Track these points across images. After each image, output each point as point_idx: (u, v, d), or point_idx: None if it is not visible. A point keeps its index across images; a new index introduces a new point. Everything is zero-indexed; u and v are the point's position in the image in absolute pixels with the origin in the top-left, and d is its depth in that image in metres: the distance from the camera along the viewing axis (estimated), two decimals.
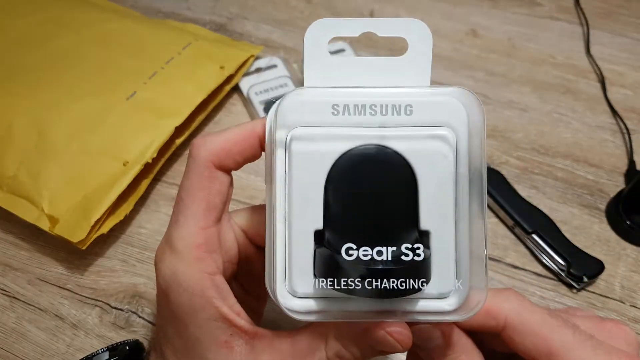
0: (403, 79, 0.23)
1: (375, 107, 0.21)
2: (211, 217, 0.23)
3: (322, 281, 0.20)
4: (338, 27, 0.22)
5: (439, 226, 0.21)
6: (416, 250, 0.20)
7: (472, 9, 0.60)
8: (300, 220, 0.21)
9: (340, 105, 0.21)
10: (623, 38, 0.56)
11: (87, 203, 0.39)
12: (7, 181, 0.41)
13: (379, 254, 0.20)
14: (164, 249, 0.23)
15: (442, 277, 0.21)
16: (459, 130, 0.21)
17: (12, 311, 0.38)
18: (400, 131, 0.21)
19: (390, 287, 0.20)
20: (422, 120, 0.21)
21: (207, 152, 0.23)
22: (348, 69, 0.23)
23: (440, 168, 0.21)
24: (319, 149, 0.21)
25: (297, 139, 0.21)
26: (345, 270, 0.20)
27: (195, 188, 0.23)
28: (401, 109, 0.21)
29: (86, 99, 0.44)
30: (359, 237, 0.20)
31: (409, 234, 0.21)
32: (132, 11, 0.57)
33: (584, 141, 0.47)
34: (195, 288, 0.22)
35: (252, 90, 0.49)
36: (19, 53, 0.48)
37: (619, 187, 0.44)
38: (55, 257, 0.40)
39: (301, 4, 0.61)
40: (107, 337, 0.36)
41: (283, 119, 0.21)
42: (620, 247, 0.40)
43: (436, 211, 0.21)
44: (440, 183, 0.21)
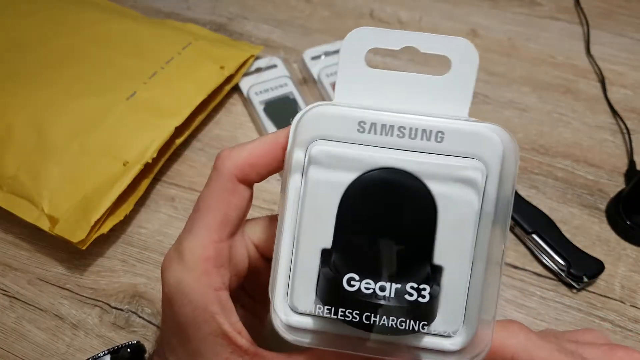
0: (441, 102, 0.21)
1: (404, 130, 0.20)
2: (225, 231, 0.23)
3: (319, 308, 0.20)
4: (379, 38, 0.21)
5: (454, 263, 0.20)
6: (422, 291, 0.19)
7: (472, 9, 0.60)
8: (309, 237, 0.20)
9: (367, 123, 0.20)
10: (623, 38, 0.56)
11: (87, 203, 0.39)
12: (7, 181, 0.41)
13: (381, 289, 0.19)
14: (172, 257, 0.23)
15: (450, 315, 0.20)
16: (491, 166, 0.20)
17: (12, 311, 0.38)
18: (428, 158, 0.20)
19: (389, 324, 0.19)
20: (453, 150, 0.20)
21: (233, 165, 0.23)
22: (385, 84, 0.22)
23: (464, 203, 0.20)
24: (339, 166, 0.20)
25: (317, 153, 0.20)
26: (345, 300, 0.19)
27: (215, 200, 0.23)
28: (431, 134, 0.20)
29: (86, 98, 0.44)
30: (364, 267, 0.19)
31: (420, 267, 0.20)
32: (132, 11, 0.57)
33: (584, 141, 0.47)
34: (199, 301, 0.22)
35: (252, 90, 0.49)
36: (19, 53, 0.48)
37: (619, 187, 0.44)
38: (55, 257, 0.40)
39: (301, 4, 0.61)
40: (107, 337, 0.36)
41: (305, 130, 0.20)
42: (620, 247, 0.40)
43: (453, 248, 0.20)
44: (462, 220, 0.20)
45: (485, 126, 0.20)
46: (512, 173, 0.20)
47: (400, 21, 0.59)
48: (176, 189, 0.44)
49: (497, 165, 0.20)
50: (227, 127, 0.49)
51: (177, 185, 0.45)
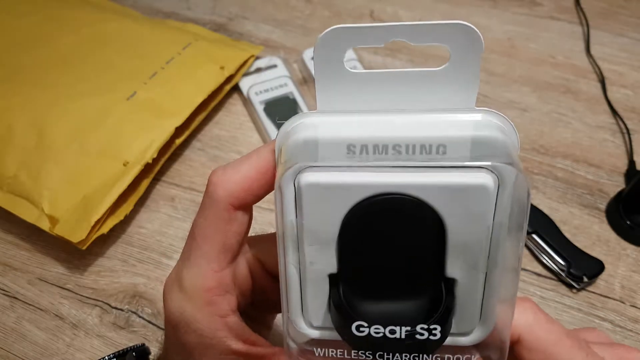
0: (441, 100, 0.19)
1: (400, 148, 0.17)
2: (225, 259, 0.22)
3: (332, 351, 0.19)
4: (357, 36, 0.18)
5: (467, 275, 0.19)
6: (432, 331, 0.18)
7: (472, 9, 0.60)
8: (313, 265, 0.19)
9: (357, 146, 0.17)
10: (623, 38, 0.56)
11: (87, 203, 0.39)
12: (7, 181, 0.41)
13: (391, 333, 0.18)
14: (173, 284, 0.22)
15: (465, 319, 0.19)
16: (504, 174, 0.17)
17: (12, 311, 0.38)
18: (429, 177, 0.17)
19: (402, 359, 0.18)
20: (459, 159, 0.17)
21: (226, 193, 0.21)
22: (372, 88, 0.19)
23: (474, 222, 0.18)
24: (332, 197, 0.18)
25: (307, 187, 0.18)
26: (356, 342, 0.18)
27: (212, 230, 0.21)
28: (432, 149, 0.17)
29: (86, 99, 0.44)
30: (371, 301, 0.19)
31: (432, 284, 0.19)
32: (132, 11, 0.57)
33: (584, 141, 0.47)
34: (204, 330, 0.21)
35: (252, 90, 0.49)
36: (19, 53, 0.48)
37: (619, 187, 0.44)
38: (55, 257, 0.40)
39: (301, 4, 0.61)
40: (107, 337, 0.36)
41: (292, 156, 0.18)
42: (620, 247, 0.40)
43: (465, 261, 0.18)
44: (473, 236, 0.18)
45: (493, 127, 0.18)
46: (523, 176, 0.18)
47: (400, 21, 0.59)
48: (176, 189, 0.44)
49: (512, 172, 0.17)
50: (227, 127, 0.49)
51: (177, 185, 0.45)
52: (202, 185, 0.44)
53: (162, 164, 0.44)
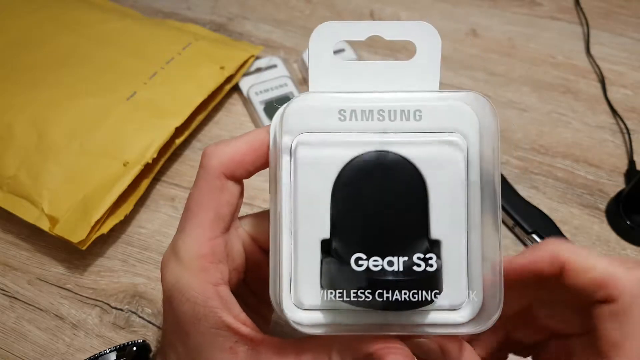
0: (411, 84, 0.22)
1: (383, 113, 0.21)
2: (219, 228, 0.23)
3: (331, 292, 0.20)
4: (344, 30, 0.22)
5: (450, 235, 0.20)
6: (429, 261, 0.19)
7: (472, 9, 0.60)
8: (306, 230, 0.21)
9: (347, 111, 0.21)
10: (623, 38, 0.56)
11: (87, 203, 0.39)
12: (7, 181, 0.41)
13: (390, 264, 0.19)
14: (169, 257, 0.23)
15: (454, 288, 0.20)
16: (470, 136, 0.21)
17: (12, 311, 0.38)
18: (409, 137, 0.21)
19: (402, 299, 0.19)
20: (432, 126, 0.21)
21: (218, 162, 0.22)
22: (355, 74, 0.22)
23: (450, 175, 0.20)
24: (325, 156, 0.21)
25: (303, 146, 0.21)
26: (355, 281, 0.19)
27: (205, 198, 0.23)
28: (410, 114, 0.21)
29: (86, 99, 0.44)
30: (369, 246, 0.20)
31: (420, 243, 0.20)
32: (132, 11, 0.57)
33: (584, 141, 0.47)
34: (197, 298, 0.22)
35: (252, 90, 0.49)
36: (19, 53, 0.48)
37: (619, 187, 0.44)
38: (55, 257, 0.40)
39: (301, 4, 0.61)
40: (107, 337, 0.36)
41: (288, 125, 0.21)
42: (620, 247, 0.40)
43: (447, 220, 0.20)
44: (451, 191, 0.20)
45: (462, 96, 0.21)
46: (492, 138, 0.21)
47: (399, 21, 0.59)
48: (176, 189, 0.44)
49: (475, 136, 0.21)
50: (227, 127, 0.49)
51: (177, 185, 0.45)
52: None
53: (162, 164, 0.44)
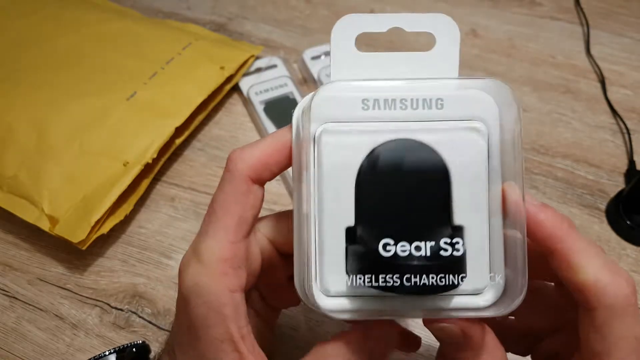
0: (431, 73, 0.22)
1: (406, 102, 0.21)
2: (241, 232, 0.23)
3: (360, 278, 0.20)
4: (366, 22, 0.22)
5: (473, 221, 0.21)
6: (455, 245, 0.20)
7: (472, 9, 0.60)
8: (331, 218, 0.21)
9: (370, 100, 0.21)
10: (623, 38, 0.56)
11: (87, 203, 0.39)
12: (7, 181, 0.41)
13: (417, 250, 0.20)
14: (189, 259, 0.23)
15: (476, 273, 0.21)
16: (490, 124, 0.21)
17: (12, 311, 0.38)
18: (431, 125, 0.21)
19: (430, 283, 0.20)
20: (454, 114, 0.21)
21: (245, 165, 0.23)
22: (376, 65, 0.23)
23: (472, 161, 0.21)
24: (350, 144, 0.21)
25: (327, 135, 0.21)
26: (383, 266, 0.20)
27: (230, 202, 0.23)
28: (432, 103, 0.21)
29: (86, 99, 0.44)
30: (396, 232, 0.20)
31: (444, 229, 0.20)
32: (132, 11, 0.57)
33: (584, 141, 0.47)
34: (213, 302, 0.22)
35: (252, 90, 0.49)
36: (18, 53, 0.48)
37: (619, 187, 0.44)
38: (55, 257, 0.40)
39: (301, 4, 0.61)
40: (107, 337, 0.36)
41: (313, 115, 0.21)
42: (620, 247, 0.40)
43: (469, 206, 0.21)
44: (473, 177, 0.21)
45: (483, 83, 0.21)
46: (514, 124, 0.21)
47: None
48: (176, 189, 0.44)
49: (495, 123, 0.21)
50: (227, 127, 0.49)
51: (177, 185, 0.45)
52: (202, 185, 0.44)
53: (162, 164, 0.44)
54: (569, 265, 0.20)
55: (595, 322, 0.20)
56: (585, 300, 0.20)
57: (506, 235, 0.21)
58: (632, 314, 0.20)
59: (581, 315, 0.21)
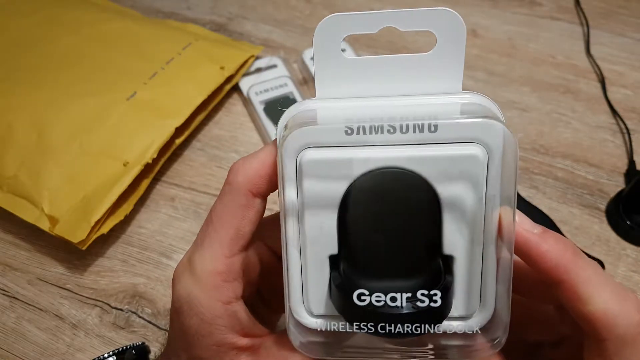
0: (431, 81, 0.20)
1: (394, 127, 0.18)
2: (238, 245, 0.22)
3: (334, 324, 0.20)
4: (353, 23, 0.19)
5: (465, 251, 0.19)
6: (433, 297, 0.18)
7: (472, 9, 0.60)
8: (314, 246, 0.20)
9: (354, 127, 0.18)
10: (623, 38, 0.56)
11: (87, 203, 0.39)
12: (7, 181, 0.41)
13: (392, 300, 0.19)
14: (184, 269, 0.23)
15: (465, 300, 0.20)
16: (493, 147, 0.18)
17: (12, 311, 0.38)
18: (422, 151, 0.18)
19: (404, 331, 0.18)
20: (450, 137, 0.18)
21: (246, 179, 0.22)
22: (366, 71, 0.20)
23: (467, 191, 0.19)
24: (331, 174, 0.19)
25: (308, 163, 0.19)
26: (357, 315, 0.19)
27: (229, 214, 0.22)
28: (424, 127, 0.18)
29: (86, 99, 0.44)
30: (373, 272, 0.19)
31: (430, 261, 0.19)
32: (132, 11, 0.57)
33: (584, 141, 0.47)
34: (206, 315, 0.22)
35: (252, 90, 0.49)
36: (19, 53, 0.48)
37: (619, 187, 0.44)
38: (55, 257, 0.40)
39: (301, 4, 0.61)
40: (107, 337, 0.36)
41: (293, 138, 0.19)
42: (620, 247, 0.40)
43: (462, 236, 0.19)
44: (468, 207, 0.19)
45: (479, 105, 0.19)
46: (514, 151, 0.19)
47: None
48: (176, 189, 0.44)
49: (499, 147, 0.18)
50: (227, 127, 0.49)
51: (177, 185, 0.45)
52: (202, 185, 0.44)
53: (162, 164, 0.44)
54: (577, 296, 0.19)
55: (606, 353, 0.19)
56: (594, 331, 0.19)
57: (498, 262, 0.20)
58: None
59: (589, 345, 0.20)
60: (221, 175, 0.45)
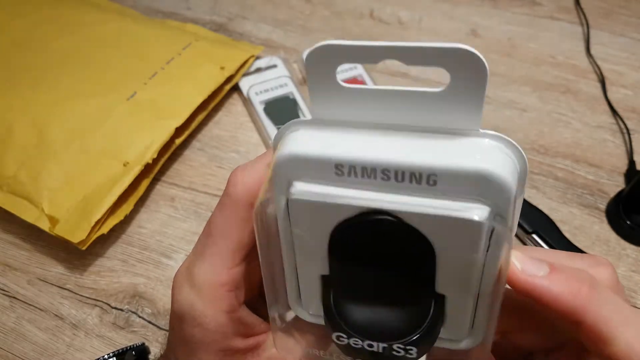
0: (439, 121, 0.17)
1: (389, 173, 0.16)
2: (239, 257, 0.22)
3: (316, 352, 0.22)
4: (350, 53, 0.16)
5: (457, 294, 0.19)
6: (409, 351, 0.19)
7: (472, 9, 0.59)
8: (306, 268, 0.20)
9: (345, 167, 0.17)
10: (623, 38, 0.56)
11: (87, 203, 0.39)
12: (7, 181, 0.41)
13: (369, 346, 0.20)
14: (184, 280, 0.23)
15: (455, 330, 0.20)
16: (498, 205, 0.16)
17: (12, 311, 0.38)
18: (420, 202, 0.16)
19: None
20: (450, 191, 0.16)
21: (246, 191, 0.21)
22: (368, 104, 0.17)
23: (465, 250, 0.17)
24: (320, 211, 0.18)
25: (296, 200, 0.18)
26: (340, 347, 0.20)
27: (229, 227, 0.22)
28: (422, 178, 0.16)
29: (86, 99, 0.44)
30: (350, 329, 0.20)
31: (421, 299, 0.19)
32: (132, 11, 0.57)
33: (584, 141, 0.47)
34: (210, 325, 0.22)
35: (252, 90, 0.49)
36: (19, 53, 0.48)
37: (619, 187, 0.44)
38: (55, 257, 0.40)
39: (301, 4, 0.61)
40: (107, 337, 0.36)
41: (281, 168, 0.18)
42: (620, 247, 0.40)
43: (455, 283, 0.18)
44: (464, 262, 0.18)
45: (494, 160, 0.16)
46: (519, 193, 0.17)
47: (400, 21, 0.59)
48: (176, 189, 0.44)
49: (505, 205, 0.16)
50: (227, 127, 0.49)
51: (177, 185, 0.45)
52: (202, 185, 0.44)
53: (162, 164, 0.44)
54: (598, 338, 0.18)
55: None
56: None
57: None
58: None
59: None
60: (221, 175, 0.45)
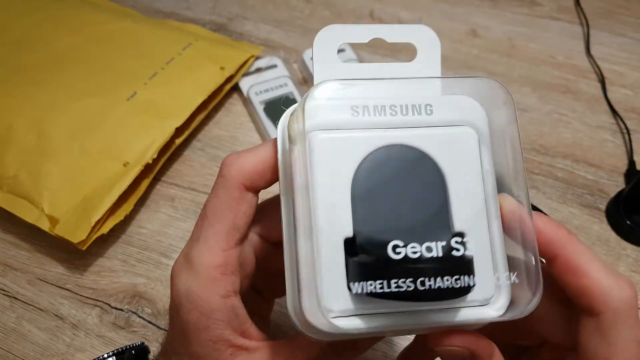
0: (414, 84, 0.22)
1: (395, 108, 0.21)
2: (234, 239, 0.23)
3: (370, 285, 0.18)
4: (348, 33, 0.22)
5: (473, 226, 0.20)
6: (466, 244, 0.19)
7: (472, 9, 0.60)
8: (326, 230, 0.19)
9: (360, 107, 0.21)
10: (623, 38, 0.56)
11: (87, 203, 0.39)
12: (7, 181, 0.41)
13: (428, 251, 0.19)
14: (181, 265, 0.23)
15: (483, 280, 0.20)
16: (479, 128, 0.21)
17: (12, 311, 0.38)
18: (423, 131, 0.21)
19: (444, 285, 0.18)
20: (443, 119, 0.21)
21: (239, 172, 0.22)
22: (359, 75, 0.23)
23: (466, 166, 0.21)
24: (342, 153, 0.20)
25: (318, 144, 0.20)
26: (394, 271, 0.18)
27: (223, 208, 0.22)
28: (421, 108, 0.21)
29: (86, 99, 0.44)
30: (404, 234, 0.19)
31: (448, 231, 0.20)
32: (132, 11, 0.57)
33: (584, 141, 0.47)
34: (204, 308, 0.22)
35: (252, 90, 0.49)
36: (19, 53, 0.48)
37: (619, 187, 0.44)
38: (55, 257, 0.40)
39: (301, 4, 0.61)
40: (107, 337, 0.36)
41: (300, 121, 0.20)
42: (620, 247, 0.40)
43: (468, 211, 0.20)
44: (469, 181, 0.21)
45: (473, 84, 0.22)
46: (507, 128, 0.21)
47: (401, 21, 0.59)
48: (176, 189, 0.44)
49: (484, 127, 0.22)
50: (227, 127, 0.49)
51: (177, 185, 0.45)
52: (202, 185, 0.44)
53: (162, 164, 0.44)
54: (574, 269, 0.20)
55: (601, 327, 0.19)
56: (590, 304, 0.20)
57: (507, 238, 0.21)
58: (636, 317, 0.19)
59: (585, 322, 0.20)
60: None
